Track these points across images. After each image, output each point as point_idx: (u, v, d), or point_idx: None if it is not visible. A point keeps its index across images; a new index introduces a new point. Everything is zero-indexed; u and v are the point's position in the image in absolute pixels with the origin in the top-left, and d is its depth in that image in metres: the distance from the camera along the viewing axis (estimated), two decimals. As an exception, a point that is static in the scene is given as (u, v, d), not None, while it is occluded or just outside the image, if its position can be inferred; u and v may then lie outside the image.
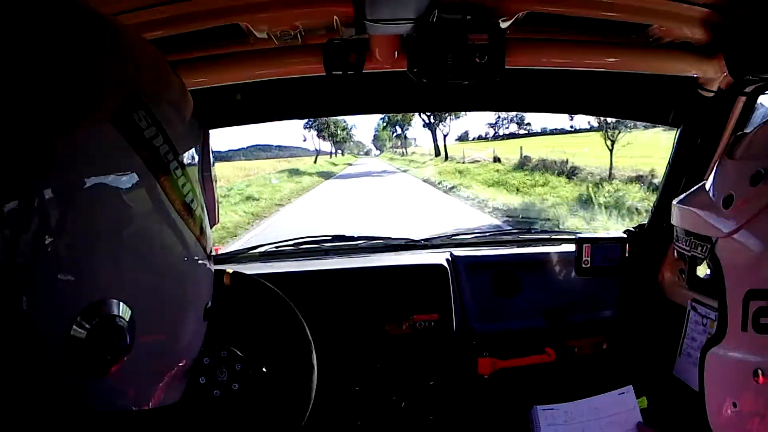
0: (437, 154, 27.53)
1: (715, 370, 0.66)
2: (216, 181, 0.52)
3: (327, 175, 23.87)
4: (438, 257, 1.35)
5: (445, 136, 28.79)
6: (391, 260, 1.36)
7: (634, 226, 1.38)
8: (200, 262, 0.46)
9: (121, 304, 0.37)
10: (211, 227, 0.50)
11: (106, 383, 0.38)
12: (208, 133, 0.51)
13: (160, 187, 0.40)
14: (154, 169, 0.39)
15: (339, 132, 39.71)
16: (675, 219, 0.73)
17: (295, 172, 22.16)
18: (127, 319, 0.38)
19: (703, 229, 0.65)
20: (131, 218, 0.38)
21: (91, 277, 0.36)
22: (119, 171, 0.37)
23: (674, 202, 0.74)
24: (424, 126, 28.80)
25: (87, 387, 0.37)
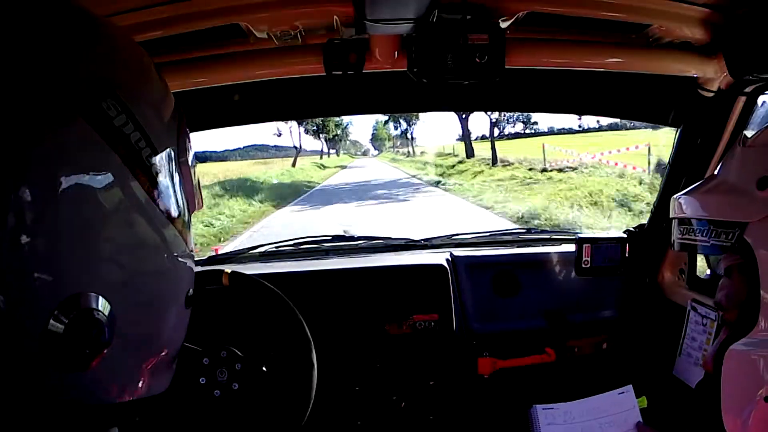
0: (470, 154, 19.91)
1: (740, 365, 0.63)
2: (195, 165, 0.51)
3: (292, 193, 13.34)
4: (438, 257, 1.35)
5: (493, 123, 19.27)
6: (391, 260, 1.36)
7: (634, 226, 1.38)
8: (180, 251, 0.46)
9: (100, 297, 0.37)
10: (192, 212, 0.50)
11: (89, 376, 0.38)
12: (184, 118, 0.50)
13: (133, 176, 0.40)
14: (125, 156, 0.39)
15: (331, 128, 32.43)
16: (690, 209, 0.70)
17: (235, 188, 12.22)
18: (107, 313, 0.38)
19: (732, 214, 0.64)
20: (104, 210, 0.38)
21: (68, 271, 0.36)
22: (89, 160, 0.37)
23: (679, 194, 0.73)
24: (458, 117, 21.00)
25: (69, 381, 0.37)
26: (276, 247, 1.47)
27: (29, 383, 0.36)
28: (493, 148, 17.10)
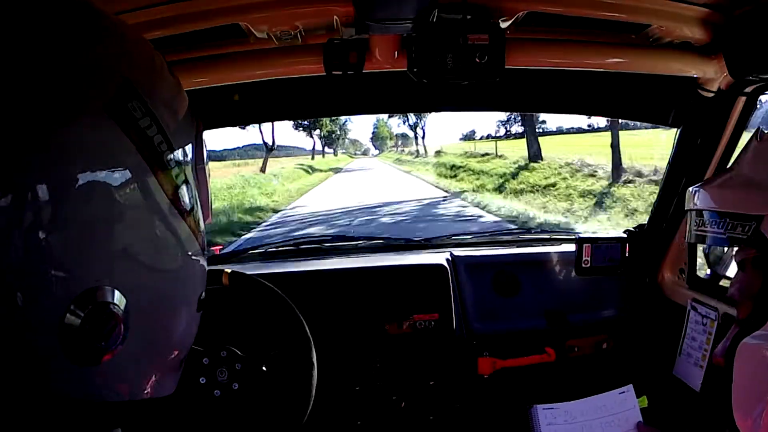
0: (534, 157, 12.94)
1: (753, 360, 0.61)
2: (209, 176, 0.51)
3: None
4: (438, 257, 1.35)
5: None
6: (391, 260, 1.36)
7: (634, 226, 1.38)
8: (194, 253, 0.46)
9: (116, 291, 0.37)
10: (206, 215, 0.50)
11: (100, 373, 0.38)
12: (201, 125, 0.51)
13: (154, 177, 0.40)
14: (148, 158, 0.39)
15: (325, 123, 27.08)
16: (706, 202, 0.70)
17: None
18: (122, 307, 0.38)
19: (748, 207, 0.64)
20: (124, 209, 0.38)
21: (85, 266, 0.36)
22: (113, 160, 0.37)
23: (695, 187, 0.72)
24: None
25: (80, 376, 0.37)
26: (276, 247, 1.47)
27: (42, 378, 0.36)
28: (616, 148, 9.97)
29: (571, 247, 1.31)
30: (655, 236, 1.31)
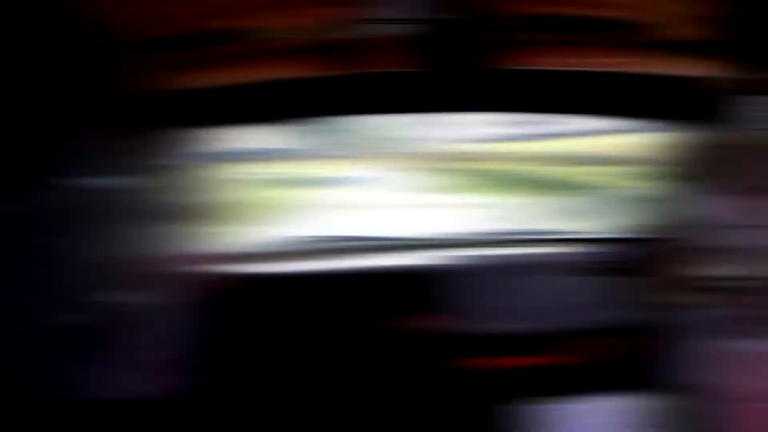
0: None
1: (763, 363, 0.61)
2: (210, 166, 0.51)
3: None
4: (438, 257, 1.35)
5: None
6: (391, 260, 1.36)
7: (635, 226, 1.38)
8: (194, 257, 0.46)
9: (117, 293, 0.38)
10: (210, 225, 0.50)
11: (100, 372, 0.38)
12: (207, 133, 0.51)
13: (157, 182, 0.40)
14: (152, 164, 0.40)
15: None
16: (708, 208, 0.70)
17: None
18: (123, 309, 0.38)
19: (751, 215, 0.65)
20: (127, 213, 0.39)
21: (83, 270, 0.37)
22: (118, 166, 0.38)
23: (700, 190, 0.72)
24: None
25: (81, 375, 0.38)
26: (277, 247, 1.47)
27: (41, 378, 0.36)
28: None
29: (571, 248, 1.31)
30: (657, 237, 1.31)
